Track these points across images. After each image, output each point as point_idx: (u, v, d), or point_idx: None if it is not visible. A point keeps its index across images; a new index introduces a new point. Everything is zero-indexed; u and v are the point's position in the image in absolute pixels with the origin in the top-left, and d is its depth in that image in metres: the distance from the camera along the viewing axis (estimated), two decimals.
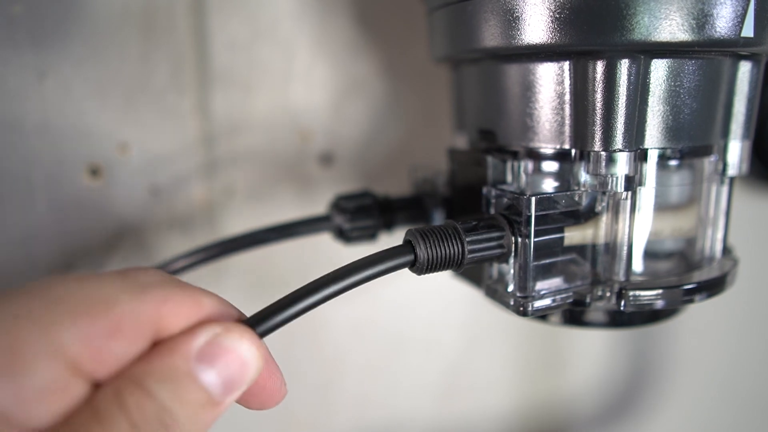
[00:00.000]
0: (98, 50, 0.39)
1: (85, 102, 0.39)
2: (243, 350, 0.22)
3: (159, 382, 0.20)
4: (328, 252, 0.42)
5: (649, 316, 0.34)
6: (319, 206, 0.46)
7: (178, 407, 0.20)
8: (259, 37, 0.43)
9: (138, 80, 0.40)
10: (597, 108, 0.29)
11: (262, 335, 0.23)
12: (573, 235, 0.31)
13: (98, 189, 0.40)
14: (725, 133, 0.32)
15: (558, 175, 0.32)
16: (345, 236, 0.35)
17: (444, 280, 0.42)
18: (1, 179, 0.37)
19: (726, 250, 0.35)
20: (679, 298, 0.31)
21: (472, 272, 0.34)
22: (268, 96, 0.44)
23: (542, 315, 0.32)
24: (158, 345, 0.21)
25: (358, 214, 0.35)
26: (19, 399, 0.18)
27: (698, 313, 0.52)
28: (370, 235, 0.36)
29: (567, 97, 0.30)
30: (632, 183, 0.29)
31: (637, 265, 0.32)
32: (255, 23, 0.42)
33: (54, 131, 0.38)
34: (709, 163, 0.33)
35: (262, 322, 0.23)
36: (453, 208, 0.37)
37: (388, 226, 0.36)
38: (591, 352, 0.62)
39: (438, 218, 0.37)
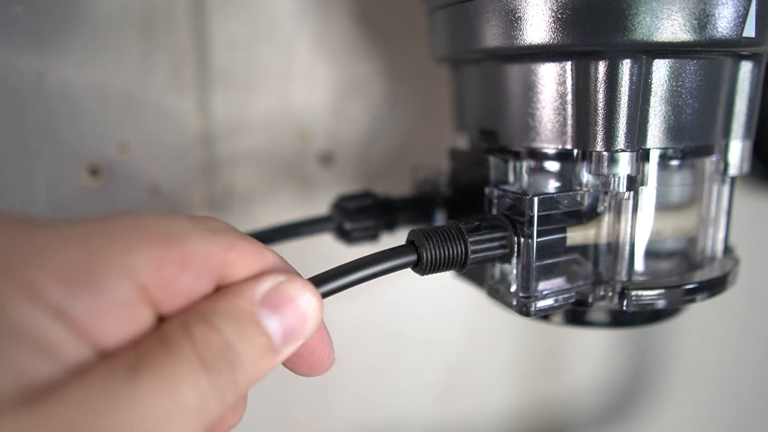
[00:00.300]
0: (98, 50, 0.39)
1: (85, 102, 0.39)
2: (304, 301, 0.22)
3: (225, 320, 0.20)
4: (329, 253, 0.42)
5: (650, 315, 0.34)
6: (319, 206, 0.46)
7: (242, 347, 0.20)
8: (259, 37, 0.43)
9: (138, 80, 0.40)
10: (599, 108, 0.29)
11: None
12: (575, 235, 0.31)
13: (98, 189, 0.40)
14: (726, 133, 0.32)
15: (560, 176, 0.32)
16: (347, 236, 0.35)
17: (444, 280, 0.42)
18: (1, 179, 0.37)
19: (727, 250, 0.35)
20: (680, 297, 0.31)
21: (474, 272, 0.34)
22: (268, 96, 0.44)
23: (545, 315, 0.32)
24: (222, 288, 0.21)
25: (359, 214, 0.35)
26: (93, 311, 0.18)
27: (698, 313, 0.52)
28: (372, 236, 0.36)
29: (569, 98, 0.30)
30: (634, 183, 0.29)
31: (639, 265, 0.32)
32: (255, 23, 0.42)
33: (54, 131, 0.38)
34: (710, 162, 0.33)
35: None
36: (454, 209, 0.37)
37: (390, 226, 0.36)
38: (591, 352, 0.62)
39: (439, 218, 0.37)
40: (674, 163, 0.32)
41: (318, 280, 0.24)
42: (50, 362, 0.18)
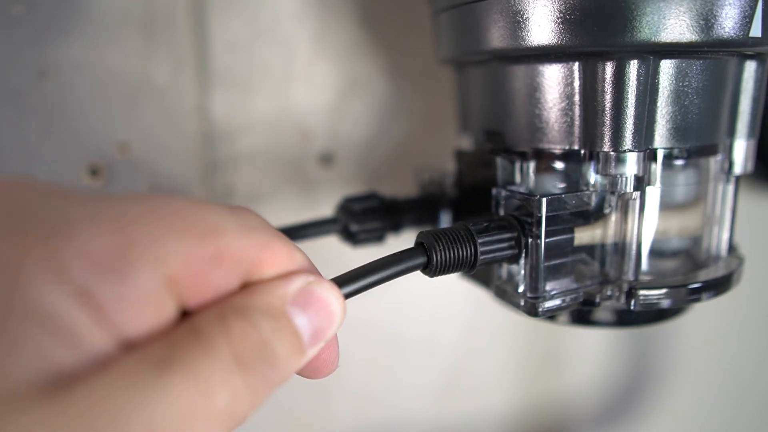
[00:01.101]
0: (98, 50, 0.38)
1: (85, 102, 0.38)
2: (332, 301, 0.22)
3: (262, 316, 0.20)
4: (331, 253, 0.42)
5: (655, 315, 0.34)
6: (319, 206, 0.45)
7: (279, 344, 0.20)
8: (259, 37, 0.43)
9: (138, 80, 0.40)
10: (607, 108, 0.29)
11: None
12: (582, 236, 0.31)
13: (98, 189, 0.40)
14: (731, 132, 0.33)
15: (566, 176, 0.32)
16: (352, 238, 0.35)
17: (444, 280, 0.42)
18: None
19: (731, 249, 0.35)
20: (687, 296, 0.31)
21: (480, 273, 0.34)
22: (268, 96, 0.44)
23: (551, 315, 0.32)
24: (252, 285, 0.21)
25: (365, 215, 0.35)
26: (119, 299, 0.18)
27: (699, 313, 0.52)
28: (378, 237, 0.36)
29: (576, 98, 0.30)
30: (642, 183, 0.30)
31: (644, 265, 0.32)
32: (255, 23, 0.42)
33: (54, 131, 0.38)
34: (715, 162, 0.33)
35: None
36: (460, 210, 0.36)
37: (396, 228, 0.36)
38: (591, 352, 0.62)
39: (445, 220, 0.37)
40: (679, 162, 0.32)
41: (341, 280, 0.24)
42: (72, 349, 0.17)
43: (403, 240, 0.32)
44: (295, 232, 0.34)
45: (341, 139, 0.46)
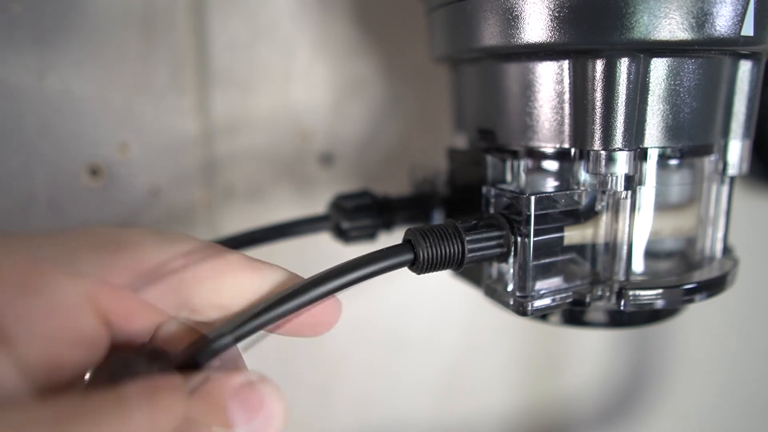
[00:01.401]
0: (98, 50, 0.39)
1: (85, 102, 0.39)
2: (272, 404, 0.21)
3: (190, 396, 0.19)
4: (327, 251, 0.42)
5: (649, 315, 0.34)
6: (318, 206, 0.45)
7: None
8: (259, 37, 0.43)
9: (138, 80, 0.40)
10: (596, 107, 0.28)
11: (251, 331, 0.22)
12: (573, 235, 0.30)
13: (98, 189, 0.40)
14: (725, 133, 0.32)
15: (558, 175, 0.32)
16: (344, 236, 0.35)
17: (444, 280, 0.42)
18: (1, 179, 0.37)
19: (726, 250, 0.35)
20: (679, 297, 0.31)
21: (472, 272, 0.34)
22: (268, 96, 0.44)
23: (542, 315, 0.32)
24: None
25: (357, 213, 0.35)
26: (30, 314, 0.18)
27: (698, 313, 0.52)
28: (370, 235, 0.36)
29: (566, 96, 0.30)
30: (632, 182, 0.29)
31: (638, 265, 0.32)
32: (255, 23, 0.42)
33: (54, 131, 0.38)
34: (709, 162, 0.33)
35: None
36: (452, 208, 0.36)
37: (388, 225, 0.36)
38: (591, 352, 0.62)
39: (437, 218, 0.37)
40: (673, 162, 0.32)
41: (314, 281, 0.24)
42: None
43: (395, 238, 0.33)
44: (286, 229, 0.34)
45: (340, 139, 0.46)
